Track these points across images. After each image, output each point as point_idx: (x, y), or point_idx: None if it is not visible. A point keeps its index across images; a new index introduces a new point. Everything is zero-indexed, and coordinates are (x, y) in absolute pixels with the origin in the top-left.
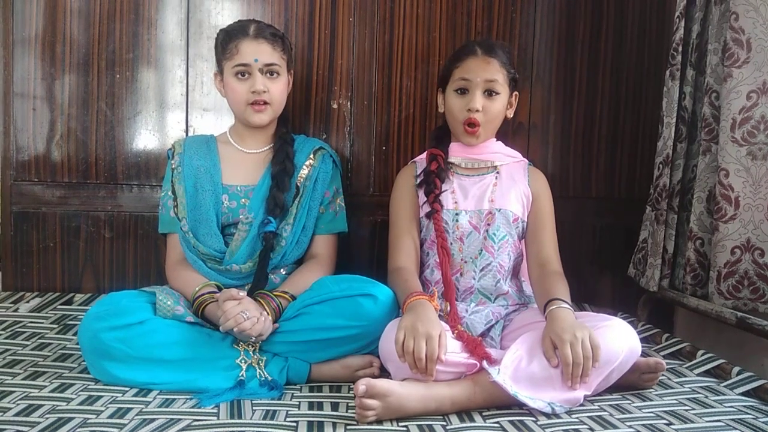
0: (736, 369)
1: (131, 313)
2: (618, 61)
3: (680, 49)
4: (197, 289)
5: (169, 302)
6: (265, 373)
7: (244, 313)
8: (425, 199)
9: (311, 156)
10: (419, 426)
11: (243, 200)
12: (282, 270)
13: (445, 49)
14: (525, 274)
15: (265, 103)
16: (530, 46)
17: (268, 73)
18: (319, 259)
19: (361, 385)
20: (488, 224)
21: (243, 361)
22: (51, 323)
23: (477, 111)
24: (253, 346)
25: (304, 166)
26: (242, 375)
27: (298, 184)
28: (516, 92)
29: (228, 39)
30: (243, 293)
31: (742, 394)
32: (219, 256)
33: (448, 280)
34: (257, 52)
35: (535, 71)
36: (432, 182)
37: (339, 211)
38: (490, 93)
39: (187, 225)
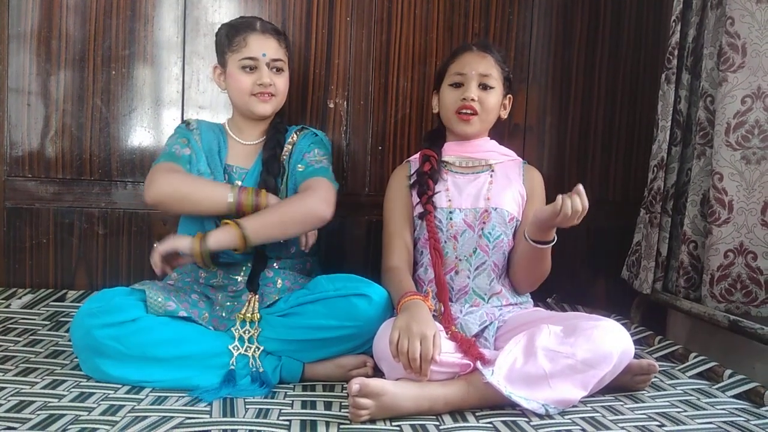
0: (728, 372)
1: (124, 311)
2: (614, 64)
3: (676, 53)
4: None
5: (159, 299)
6: (258, 362)
7: None
8: (419, 199)
9: (293, 135)
10: (412, 426)
11: (237, 182)
12: (275, 264)
13: (442, 50)
14: None
15: (271, 95)
16: (527, 48)
17: (274, 69)
18: (308, 190)
19: (355, 385)
20: (484, 222)
21: (236, 348)
22: (43, 320)
23: (472, 100)
24: (250, 332)
25: (287, 144)
26: (233, 363)
27: (283, 161)
28: (510, 95)
29: (235, 32)
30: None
31: (734, 396)
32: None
33: (441, 281)
34: (265, 46)
35: (532, 73)
36: (425, 183)
37: (319, 164)
38: (485, 87)
39: (207, 177)
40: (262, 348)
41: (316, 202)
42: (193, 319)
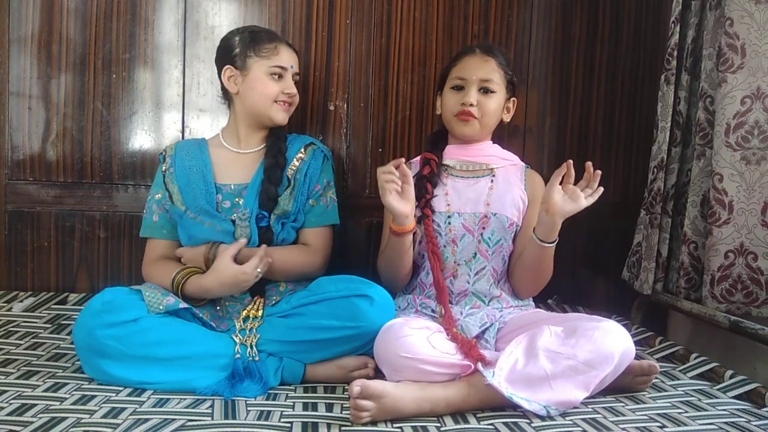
0: (728, 372)
1: (126, 311)
2: (613, 66)
3: (675, 54)
4: (177, 270)
5: (158, 296)
6: (255, 350)
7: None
8: (417, 203)
9: (302, 150)
10: (413, 427)
11: (237, 199)
12: None
13: (442, 53)
14: None
15: (290, 104)
16: (526, 50)
17: (294, 82)
18: (308, 246)
19: (356, 386)
20: (483, 228)
21: (237, 349)
22: (45, 323)
23: (471, 105)
24: (251, 332)
25: (295, 159)
26: (237, 351)
27: (289, 176)
28: (514, 98)
29: (264, 39)
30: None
31: (735, 397)
32: (230, 239)
33: (439, 284)
34: (293, 59)
35: (531, 75)
36: (423, 187)
37: (330, 204)
38: (485, 91)
39: (192, 212)
40: (259, 336)
41: (315, 262)
42: (193, 311)
